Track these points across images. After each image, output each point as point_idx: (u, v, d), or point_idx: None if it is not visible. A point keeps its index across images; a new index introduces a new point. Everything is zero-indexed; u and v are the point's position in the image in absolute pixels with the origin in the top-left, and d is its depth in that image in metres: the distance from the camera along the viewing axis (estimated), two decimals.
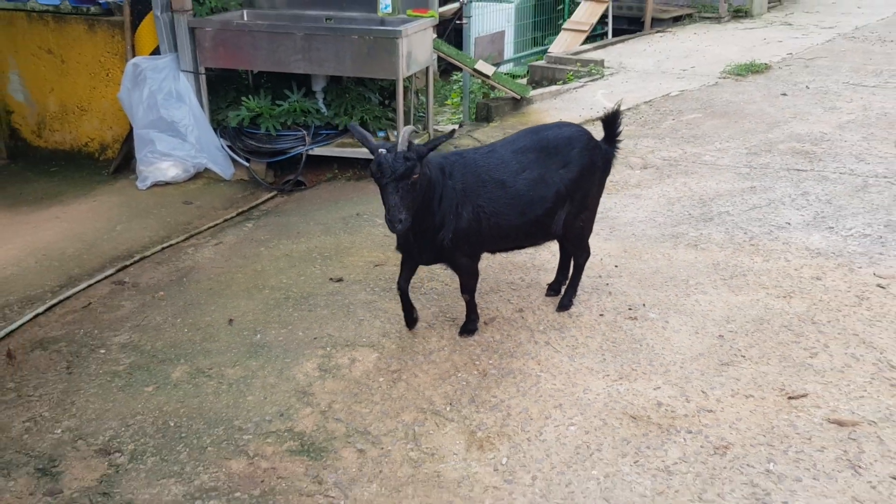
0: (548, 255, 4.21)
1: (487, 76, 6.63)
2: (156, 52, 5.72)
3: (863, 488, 2.48)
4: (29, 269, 4.33)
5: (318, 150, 5.67)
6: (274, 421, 2.96)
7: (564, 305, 3.66)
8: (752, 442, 2.70)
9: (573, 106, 7.14)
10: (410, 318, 3.51)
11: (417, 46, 5.56)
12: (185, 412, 3.04)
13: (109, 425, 2.98)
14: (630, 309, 3.64)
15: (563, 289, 3.74)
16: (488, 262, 4.11)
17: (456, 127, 6.71)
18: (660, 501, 2.46)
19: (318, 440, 2.85)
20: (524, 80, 8.53)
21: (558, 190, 3.32)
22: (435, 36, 6.04)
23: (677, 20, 11.53)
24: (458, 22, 8.67)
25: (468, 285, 3.40)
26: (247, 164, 5.74)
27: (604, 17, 10.57)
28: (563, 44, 9.63)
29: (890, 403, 2.87)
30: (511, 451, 2.73)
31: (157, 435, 2.92)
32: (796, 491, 2.47)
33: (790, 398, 2.92)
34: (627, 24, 11.35)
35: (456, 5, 8.69)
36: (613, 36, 10.72)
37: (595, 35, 10.75)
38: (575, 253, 3.67)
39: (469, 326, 3.48)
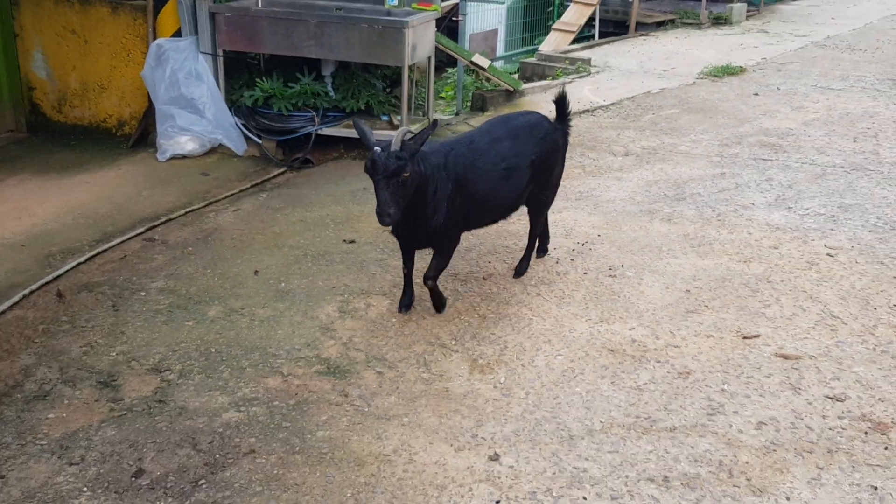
0: None
1: (483, 68, 7.12)
2: (176, 34, 6.14)
3: (800, 404, 2.99)
4: (67, 225, 4.75)
5: (327, 131, 6.11)
6: (302, 349, 3.43)
7: (544, 250, 4.27)
8: (711, 369, 3.21)
9: None
10: (406, 300, 3.71)
11: (421, 37, 6.04)
12: (223, 341, 3.49)
13: (158, 350, 3.43)
14: (610, 269, 4.14)
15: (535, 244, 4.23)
16: (486, 230, 4.58)
17: (437, 118, 7.15)
18: (632, 410, 2.96)
19: (342, 364, 3.32)
20: (515, 76, 9.02)
21: (532, 172, 3.74)
22: (435, 29, 6.51)
23: (660, 25, 12.09)
24: (454, 19, 9.14)
25: (440, 268, 3.63)
26: (259, 142, 6.17)
27: (591, 19, 11.11)
28: (553, 43, 10.15)
29: (829, 343, 3.40)
30: (508, 374, 3.22)
31: (201, 358, 3.37)
32: (745, 404, 2.98)
33: (744, 338, 3.44)
34: (613, 27, 11.89)
35: (452, 2, 9.15)
36: (600, 38, 11.26)
37: (583, 37, 11.28)
38: (535, 221, 4.09)
39: (440, 306, 3.70)
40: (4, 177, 5.60)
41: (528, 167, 3.72)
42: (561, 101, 4.04)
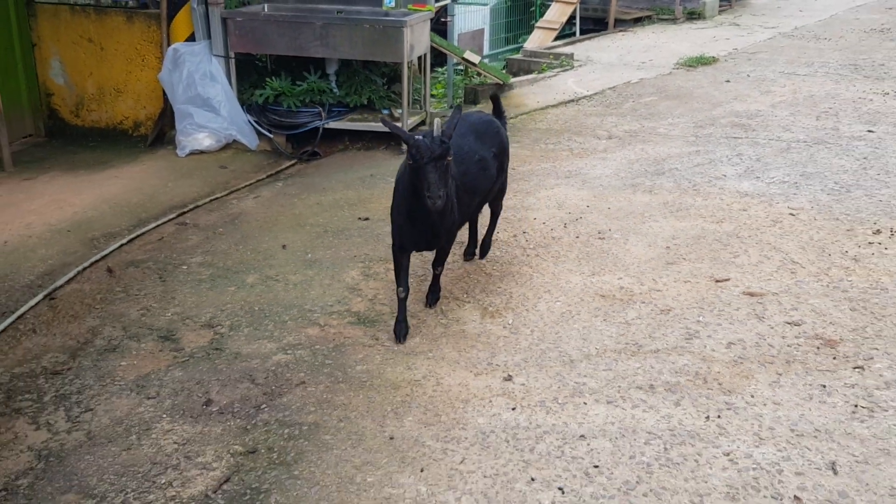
0: (533, 200, 5.22)
1: (474, 63, 7.65)
2: (189, 39, 6.62)
3: (764, 328, 3.52)
4: (105, 213, 5.22)
5: (333, 124, 6.62)
6: (334, 305, 3.92)
7: (485, 251, 4.39)
8: (688, 306, 3.74)
9: (548, 91, 8.19)
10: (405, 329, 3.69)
11: (418, 36, 6.55)
12: (264, 301, 3.98)
13: (207, 310, 3.91)
14: (599, 233, 4.67)
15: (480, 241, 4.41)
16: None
17: (461, 103, 7.69)
18: (622, 339, 3.48)
19: (370, 316, 3.82)
20: (504, 72, 9.55)
21: (498, 163, 4.02)
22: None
23: (638, 21, 12.69)
24: (442, 20, 9.67)
25: (446, 257, 3.83)
26: (270, 136, 6.66)
27: (572, 17, 11.69)
28: (537, 40, 10.71)
29: (789, 283, 3.93)
30: (514, 317, 3.73)
31: (247, 316, 3.86)
32: (717, 331, 3.51)
33: (717, 281, 3.97)
34: (593, 24, 12.50)
35: (440, 4, 9.68)
36: (581, 34, 11.84)
37: (564, 34, 11.86)
38: (497, 207, 4.37)
39: (437, 295, 3.92)
40: (35, 175, 6.06)
41: (493, 158, 3.96)
42: (496, 99, 4.33)
